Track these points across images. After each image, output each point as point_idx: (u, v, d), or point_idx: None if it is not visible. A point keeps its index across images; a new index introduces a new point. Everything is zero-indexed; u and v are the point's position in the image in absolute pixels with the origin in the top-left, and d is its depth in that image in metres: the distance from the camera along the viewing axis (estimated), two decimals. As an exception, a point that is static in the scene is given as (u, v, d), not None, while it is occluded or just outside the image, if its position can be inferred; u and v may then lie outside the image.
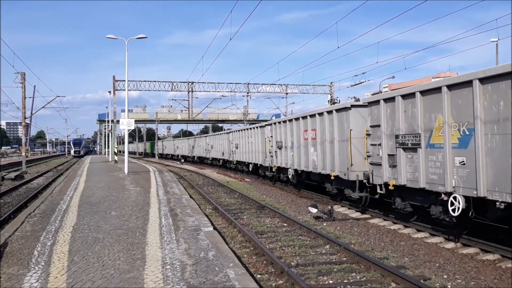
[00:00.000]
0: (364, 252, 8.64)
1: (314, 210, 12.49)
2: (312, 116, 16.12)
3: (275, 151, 20.66)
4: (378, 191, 11.84)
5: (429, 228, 10.55)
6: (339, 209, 14.26)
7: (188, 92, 56.98)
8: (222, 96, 58.13)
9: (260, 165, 24.40)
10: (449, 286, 6.92)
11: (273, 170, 21.53)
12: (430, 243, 9.65)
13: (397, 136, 10.64)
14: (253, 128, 26.26)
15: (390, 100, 11.06)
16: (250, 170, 27.08)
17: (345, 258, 8.28)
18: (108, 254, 7.37)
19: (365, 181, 12.66)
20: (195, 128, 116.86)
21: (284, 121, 19.37)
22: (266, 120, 33.77)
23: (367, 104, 12.50)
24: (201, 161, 46.46)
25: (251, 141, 26.31)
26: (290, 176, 18.99)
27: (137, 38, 27.22)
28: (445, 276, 7.36)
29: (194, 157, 49.41)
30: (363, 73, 40.60)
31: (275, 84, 58.12)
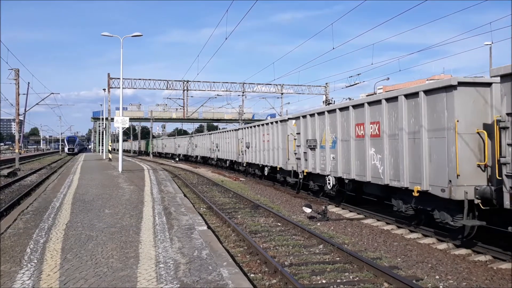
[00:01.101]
0: (357, 252, 8.68)
1: (308, 210, 12.52)
2: (374, 103, 11.55)
3: (304, 152, 16.32)
4: None
5: (407, 224, 11.15)
6: (333, 209, 14.30)
7: (184, 90, 56.91)
8: (218, 95, 58.15)
9: (280, 168, 20.16)
10: (441, 287, 6.97)
11: (300, 176, 17.27)
12: (423, 243, 9.71)
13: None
14: (271, 123, 21.94)
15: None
16: (266, 174, 22.86)
17: (338, 258, 8.31)
18: (101, 252, 7.35)
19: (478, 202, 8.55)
20: (190, 127, 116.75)
21: (321, 113, 14.94)
22: (260, 120, 33.79)
23: (484, 82, 8.82)
24: (204, 161, 41.91)
25: (267, 139, 22.27)
26: (329, 186, 14.33)
27: (132, 36, 27.13)
28: (437, 277, 7.41)
29: (197, 157, 44.99)
30: (358, 74, 40.82)
31: (270, 84, 58.23)
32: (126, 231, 9.01)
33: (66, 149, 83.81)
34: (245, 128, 26.71)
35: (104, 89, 52.11)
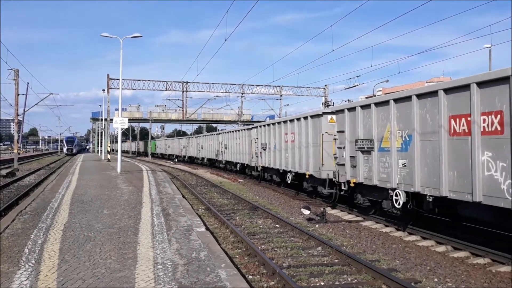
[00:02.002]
0: (356, 254, 8.67)
1: (306, 212, 12.51)
2: (490, 83, 7.76)
3: (351, 156, 12.61)
4: None
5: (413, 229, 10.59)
6: (331, 211, 14.29)
7: (183, 92, 56.90)
8: (217, 96, 58.12)
9: (310, 175, 16.18)
10: (439, 289, 6.96)
11: (343, 187, 13.40)
12: (421, 246, 9.70)
13: None
14: (297, 120, 17.69)
15: None
16: (289, 181, 18.71)
17: (336, 260, 8.30)
18: (99, 253, 7.33)
19: None
20: (188, 128, 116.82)
21: (383, 103, 11.06)
22: (259, 121, 33.52)
23: None
24: (211, 164, 38.47)
25: (291, 140, 18.29)
26: (396, 203, 10.45)
27: (132, 37, 27.12)
28: (435, 279, 7.40)
29: (203, 159, 41.44)
30: (358, 76, 40.83)
31: (269, 86, 58.13)
32: (124, 232, 8.99)
33: (65, 150, 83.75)
34: (261, 126, 22.91)
35: (104, 90, 52.08)
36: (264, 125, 22.36)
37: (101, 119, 59.35)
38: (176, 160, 53.51)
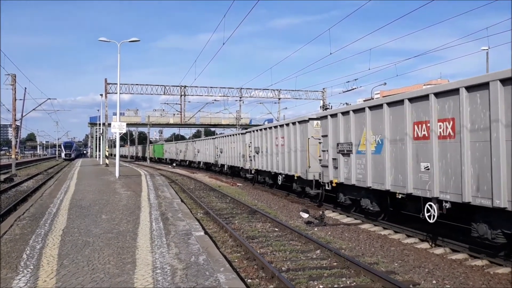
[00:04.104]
0: (355, 257, 8.68)
1: (305, 215, 12.52)
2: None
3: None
4: None
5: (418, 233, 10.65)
6: (330, 214, 14.30)
7: (181, 96, 56.94)
8: (215, 100, 58.22)
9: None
10: (438, 292, 6.97)
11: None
12: (420, 248, 9.72)
13: None
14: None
15: None
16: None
17: (335, 263, 8.31)
18: (98, 258, 7.33)
19: None
20: (187, 132, 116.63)
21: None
22: (258, 125, 33.39)
23: None
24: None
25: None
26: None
27: (129, 41, 27.15)
28: (434, 282, 7.42)
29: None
30: (355, 79, 40.85)
31: (267, 89, 58.29)
32: (123, 236, 8.99)
33: (63, 155, 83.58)
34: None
35: (101, 95, 52.04)
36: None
37: (99, 124, 59.26)
38: (174, 164, 53.45)
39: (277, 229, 11.73)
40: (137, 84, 53.36)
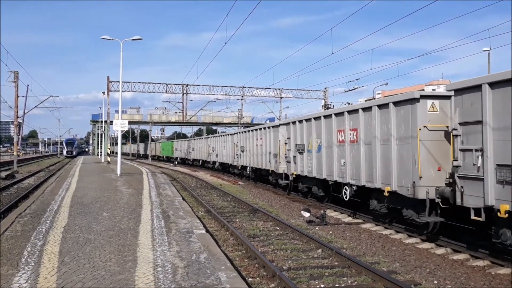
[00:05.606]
0: (356, 256, 8.67)
1: (306, 214, 12.51)
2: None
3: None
4: None
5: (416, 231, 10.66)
6: (331, 213, 14.29)
7: (183, 94, 57.00)
8: (217, 99, 58.24)
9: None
10: (439, 292, 6.96)
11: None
12: (421, 248, 9.70)
13: None
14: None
15: None
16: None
17: (336, 263, 8.30)
18: (99, 255, 7.33)
19: None
20: (188, 130, 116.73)
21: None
22: (258, 124, 33.24)
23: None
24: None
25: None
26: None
27: (132, 39, 27.15)
28: (435, 282, 7.40)
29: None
30: (357, 79, 40.89)
31: (269, 88, 58.31)
32: (124, 234, 8.99)
33: (64, 152, 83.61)
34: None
35: (104, 92, 52.13)
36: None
37: (101, 122, 59.32)
38: (176, 162, 53.48)
39: (278, 228, 11.72)
40: (139, 82, 53.49)
